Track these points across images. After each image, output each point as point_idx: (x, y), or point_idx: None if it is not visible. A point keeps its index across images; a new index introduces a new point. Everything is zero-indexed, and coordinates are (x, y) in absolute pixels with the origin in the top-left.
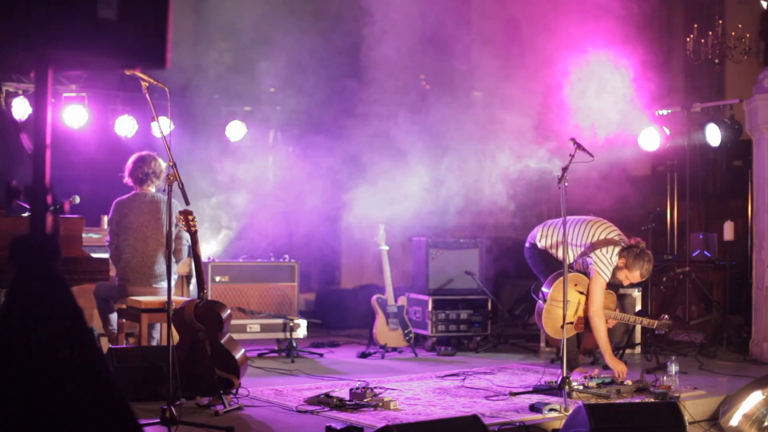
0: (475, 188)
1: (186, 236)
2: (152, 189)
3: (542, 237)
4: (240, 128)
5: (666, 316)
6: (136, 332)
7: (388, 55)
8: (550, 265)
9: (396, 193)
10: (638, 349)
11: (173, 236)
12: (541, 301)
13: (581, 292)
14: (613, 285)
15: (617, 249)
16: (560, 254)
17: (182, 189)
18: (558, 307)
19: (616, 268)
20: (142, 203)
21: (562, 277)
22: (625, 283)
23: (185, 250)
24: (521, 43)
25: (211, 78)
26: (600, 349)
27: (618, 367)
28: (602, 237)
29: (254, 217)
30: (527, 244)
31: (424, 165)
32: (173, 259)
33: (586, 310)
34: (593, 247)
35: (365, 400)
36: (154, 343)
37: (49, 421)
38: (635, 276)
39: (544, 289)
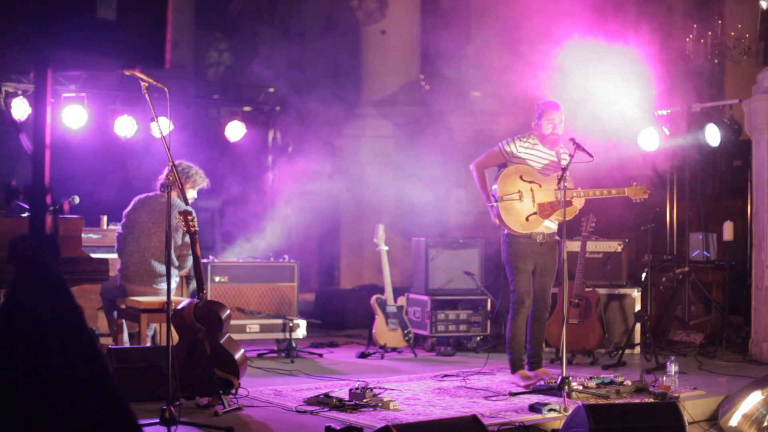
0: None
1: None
2: (173, 194)
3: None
4: (240, 128)
5: (635, 184)
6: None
7: (389, 55)
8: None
9: (396, 193)
10: (637, 350)
11: (172, 236)
12: (495, 203)
13: (530, 181)
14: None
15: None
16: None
17: (182, 189)
18: (513, 200)
19: (537, 129)
20: (155, 204)
21: (504, 171)
22: (547, 130)
23: (189, 259)
24: (519, 43)
25: (211, 78)
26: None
27: None
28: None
29: (254, 218)
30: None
31: (424, 164)
32: (176, 265)
33: (543, 197)
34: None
35: (365, 400)
36: (149, 333)
37: (49, 421)
38: (551, 117)
39: (493, 187)
